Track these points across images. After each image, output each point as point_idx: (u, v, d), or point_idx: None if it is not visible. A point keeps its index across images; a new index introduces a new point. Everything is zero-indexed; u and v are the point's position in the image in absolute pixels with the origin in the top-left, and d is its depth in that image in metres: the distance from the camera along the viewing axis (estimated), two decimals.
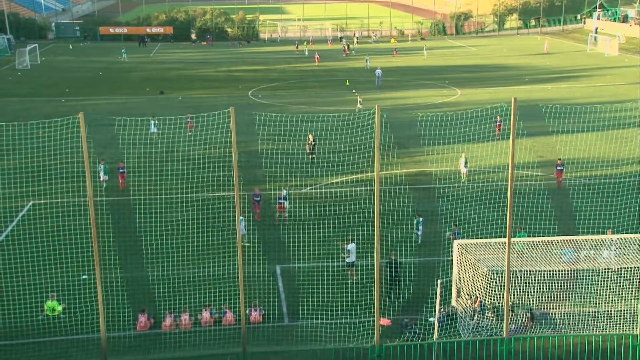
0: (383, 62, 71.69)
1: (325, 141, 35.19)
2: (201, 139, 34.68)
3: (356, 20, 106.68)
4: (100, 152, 36.48)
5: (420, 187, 30.87)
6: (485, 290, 19.29)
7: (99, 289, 17.60)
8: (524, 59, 76.19)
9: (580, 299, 19.49)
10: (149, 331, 19.47)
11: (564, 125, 37.39)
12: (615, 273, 19.53)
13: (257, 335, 19.19)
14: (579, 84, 59.92)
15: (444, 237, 24.21)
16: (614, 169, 32.34)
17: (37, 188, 27.97)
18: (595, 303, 19.39)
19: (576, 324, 19.02)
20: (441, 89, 57.95)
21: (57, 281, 21.62)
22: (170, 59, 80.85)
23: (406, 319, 19.58)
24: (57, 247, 23.25)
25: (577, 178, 31.10)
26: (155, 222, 25.59)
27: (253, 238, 25.12)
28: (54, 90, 58.58)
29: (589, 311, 19.26)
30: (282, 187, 28.33)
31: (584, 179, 30.94)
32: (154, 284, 21.67)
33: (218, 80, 64.54)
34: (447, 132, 34.19)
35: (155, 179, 29.12)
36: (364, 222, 25.19)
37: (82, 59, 79.50)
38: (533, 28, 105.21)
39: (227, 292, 20.78)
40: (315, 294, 20.88)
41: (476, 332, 18.76)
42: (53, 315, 20.07)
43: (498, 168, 33.36)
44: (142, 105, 52.10)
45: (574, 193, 27.75)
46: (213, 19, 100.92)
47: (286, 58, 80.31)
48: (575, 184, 30.11)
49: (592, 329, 18.79)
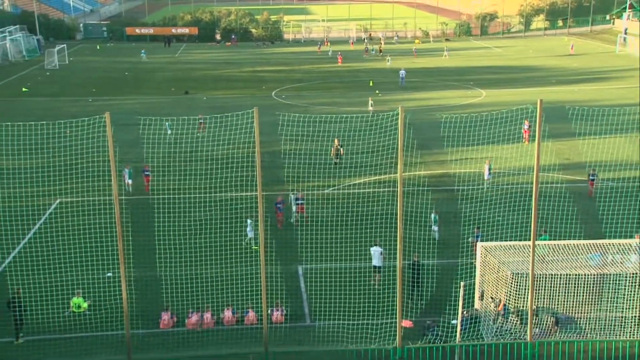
0: (404, 63, 71.40)
1: (348, 142, 35.15)
2: (225, 139, 34.87)
3: (380, 21, 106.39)
4: (126, 152, 36.87)
5: (443, 189, 30.68)
6: (508, 294, 19.11)
7: (124, 286, 17.80)
8: (550, 60, 75.33)
9: (607, 303, 19.20)
10: (172, 329, 19.63)
11: (591, 128, 36.88)
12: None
13: (279, 335, 19.24)
14: (607, 85, 59.06)
15: (467, 241, 24.06)
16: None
17: (63, 186, 28.36)
18: (622, 308, 19.08)
19: (602, 329, 18.74)
20: (465, 90, 57.54)
21: (83, 278, 21.92)
22: (195, 59, 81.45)
23: (428, 320, 19.48)
24: (82, 245, 23.56)
25: (604, 181, 30.65)
26: (178, 221, 25.79)
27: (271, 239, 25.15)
28: (81, 90, 59.37)
29: (615, 316, 18.96)
30: (299, 189, 28.43)
31: (612, 182, 30.48)
32: (177, 283, 21.84)
33: (242, 81, 64.86)
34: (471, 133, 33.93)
35: (179, 178, 29.37)
36: (386, 224, 25.10)
37: (109, 59, 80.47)
38: (560, 29, 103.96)
39: (250, 292, 20.86)
40: (337, 294, 20.87)
41: (499, 335, 18.58)
42: (79, 312, 20.34)
43: (523, 170, 33.02)
44: (167, 105, 52.56)
45: (601, 196, 27.35)
46: (238, 20, 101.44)
47: (310, 59, 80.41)
48: (602, 187, 29.67)
49: (619, 335, 18.50)
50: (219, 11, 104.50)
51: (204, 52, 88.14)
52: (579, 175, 32.01)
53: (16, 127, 26.00)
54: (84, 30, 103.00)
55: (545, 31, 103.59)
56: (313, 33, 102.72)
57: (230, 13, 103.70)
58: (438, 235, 25.28)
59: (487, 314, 19.34)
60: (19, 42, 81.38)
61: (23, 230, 25.49)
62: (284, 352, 18.28)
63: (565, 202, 27.81)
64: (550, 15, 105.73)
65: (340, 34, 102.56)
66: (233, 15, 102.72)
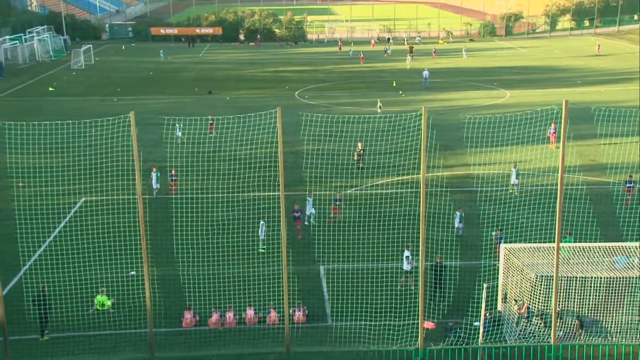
0: (425, 64, 71.01)
1: (371, 143, 35.06)
2: (248, 139, 34.99)
3: (404, 22, 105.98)
4: (150, 152, 37.20)
5: (467, 190, 30.46)
6: (532, 296, 18.91)
7: (147, 285, 17.97)
8: (576, 61, 74.40)
9: (632, 307, 18.90)
10: (194, 328, 19.77)
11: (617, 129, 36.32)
12: None
13: (301, 335, 19.26)
14: (634, 86, 58.11)
15: (490, 238, 23.89)
16: None
17: (89, 185, 28.71)
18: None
19: (628, 332, 18.45)
20: (490, 91, 57.07)
21: (107, 276, 22.17)
22: (219, 59, 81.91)
23: (451, 322, 19.36)
24: (107, 243, 23.82)
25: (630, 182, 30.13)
26: (201, 220, 25.95)
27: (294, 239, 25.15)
28: (106, 90, 60.06)
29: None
30: (338, 190, 28.59)
31: (638, 185, 29.98)
32: (200, 282, 21.98)
33: (265, 81, 65.07)
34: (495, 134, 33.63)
35: (203, 178, 29.54)
36: (409, 224, 25.00)
37: (134, 59, 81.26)
38: (586, 29, 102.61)
39: (272, 292, 20.92)
40: (359, 295, 20.84)
41: (522, 337, 18.40)
42: (102, 309, 20.58)
43: (547, 171, 32.66)
44: (190, 105, 52.94)
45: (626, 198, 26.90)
46: (261, 20, 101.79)
47: (333, 59, 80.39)
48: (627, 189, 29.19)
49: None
50: (242, 11, 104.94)
51: (228, 52, 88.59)
52: (604, 177, 31.54)
53: (43, 126, 26.37)
54: (109, 31, 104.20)
55: (571, 31, 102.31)
56: (336, 33, 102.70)
57: (253, 13, 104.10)
58: (462, 232, 25.21)
59: (510, 316, 19.17)
60: (46, 43, 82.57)
61: (49, 228, 25.84)
62: (305, 352, 18.29)
63: (590, 204, 27.44)
64: (576, 15, 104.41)
65: (363, 34, 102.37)
66: (257, 15, 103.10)
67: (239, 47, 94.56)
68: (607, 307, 18.92)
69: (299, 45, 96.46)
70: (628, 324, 18.66)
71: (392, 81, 61.25)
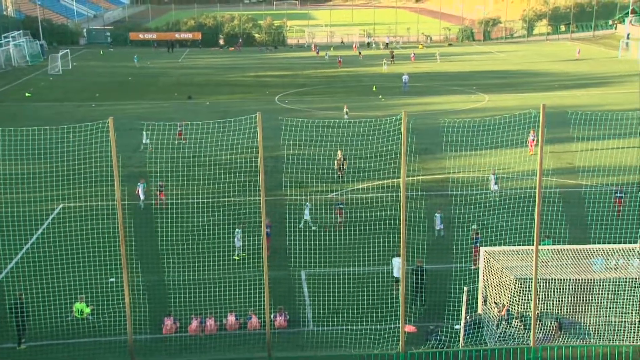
0: (404, 68, 71.44)
1: (351, 147, 35.16)
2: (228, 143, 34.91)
3: (383, 26, 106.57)
4: (129, 157, 36.95)
5: (446, 194, 30.65)
6: (512, 298, 19.07)
7: (126, 291, 17.82)
8: (553, 65, 75.32)
9: (610, 308, 19.15)
10: (175, 334, 19.64)
11: (594, 133, 36.84)
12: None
13: (282, 340, 19.22)
14: (610, 90, 59.02)
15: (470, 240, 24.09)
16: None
17: (67, 191, 28.42)
18: (625, 313, 19.04)
19: (606, 334, 18.69)
20: (469, 95, 57.55)
21: (86, 283, 21.94)
22: (199, 64, 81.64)
23: (431, 325, 19.45)
24: (86, 250, 23.59)
25: (607, 185, 30.60)
26: (181, 226, 25.81)
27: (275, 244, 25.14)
28: (84, 95, 59.55)
29: (619, 321, 18.91)
30: (340, 194, 28.83)
31: (614, 187, 30.41)
32: (180, 288, 21.85)
33: (245, 86, 64.98)
34: (474, 138, 33.94)
35: (182, 183, 29.41)
36: (390, 229, 25.09)
37: (112, 64, 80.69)
38: (563, 34, 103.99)
39: (253, 297, 20.86)
40: (340, 299, 20.85)
41: (502, 340, 18.54)
42: (81, 317, 20.36)
43: (525, 175, 32.99)
44: (170, 110, 52.67)
45: (604, 201, 27.28)
46: (241, 25, 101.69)
47: (313, 63, 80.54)
48: (605, 192, 29.60)
49: (622, 340, 18.45)
50: (222, 16, 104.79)
51: (207, 57, 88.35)
52: (581, 180, 31.96)
53: (19, 132, 26.07)
54: (87, 36, 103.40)
55: (548, 36, 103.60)
56: (316, 38, 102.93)
57: (233, 18, 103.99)
58: (444, 232, 25.51)
59: (490, 318, 19.31)
60: (23, 48, 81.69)
61: (26, 235, 25.53)
62: (286, 357, 18.25)
63: (568, 207, 27.78)
64: (552, 20, 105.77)
65: (343, 38, 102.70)
66: (236, 20, 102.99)
67: (219, 52, 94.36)
68: (585, 309, 19.14)
69: (279, 50, 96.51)
70: (606, 325, 18.89)
71: (372, 86, 61.52)
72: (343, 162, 33.48)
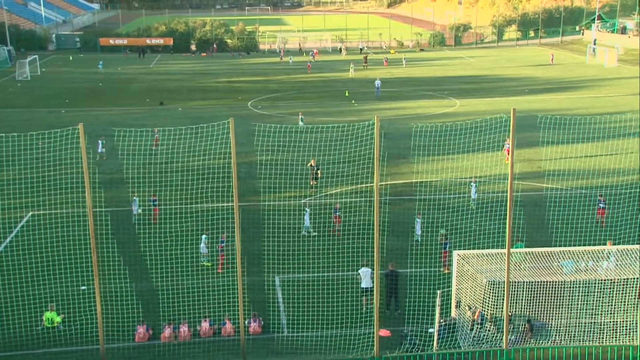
0: (377, 73, 71.89)
1: (324, 152, 35.23)
2: (201, 149, 34.75)
3: (355, 32, 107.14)
4: (100, 164, 36.54)
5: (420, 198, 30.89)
6: (484, 301, 19.28)
7: (98, 300, 17.61)
8: (523, 70, 76.47)
9: (579, 310, 19.48)
10: (148, 342, 19.44)
11: (564, 136, 37.48)
12: (614, 284, 19.54)
13: (257, 346, 19.16)
14: (578, 95, 60.11)
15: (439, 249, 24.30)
16: (614, 179, 32.36)
17: (36, 199, 28.00)
18: (595, 314, 19.38)
19: (576, 335, 19.00)
20: (441, 100, 58.12)
21: (56, 292, 21.61)
22: (170, 70, 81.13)
23: (406, 329, 19.55)
24: (56, 258, 23.25)
25: (576, 189, 31.15)
26: (154, 233, 25.59)
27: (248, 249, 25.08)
28: (54, 101, 58.74)
29: (588, 322, 19.24)
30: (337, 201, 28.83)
31: (583, 190, 30.97)
32: (153, 295, 21.65)
33: (218, 91, 64.74)
34: (446, 142, 34.27)
35: (155, 190, 29.16)
36: (363, 233, 25.20)
37: (82, 70, 79.74)
38: (532, 39, 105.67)
39: (227, 303, 20.76)
40: (315, 305, 20.86)
41: (476, 343, 18.73)
42: (52, 326, 20.05)
43: (497, 179, 33.40)
44: (142, 116, 52.24)
45: (573, 204, 27.75)
46: (213, 30, 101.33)
47: (286, 69, 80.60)
48: (574, 195, 30.12)
49: (592, 340, 18.77)
50: (194, 22, 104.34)
51: (179, 63, 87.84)
52: (552, 184, 32.47)
53: None
54: (56, 41, 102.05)
55: (518, 41, 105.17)
56: (289, 43, 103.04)
57: (205, 24, 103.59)
58: (421, 238, 25.49)
59: (463, 322, 19.49)
60: None
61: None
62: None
63: (538, 210, 28.21)
64: (521, 25, 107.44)
65: (315, 44, 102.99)
66: (208, 25, 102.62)
67: (191, 58, 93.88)
68: (556, 310, 19.44)
69: (252, 56, 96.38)
70: (576, 326, 19.20)
71: (345, 91, 61.76)
72: (317, 172, 32.59)
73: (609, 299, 19.48)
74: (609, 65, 77.13)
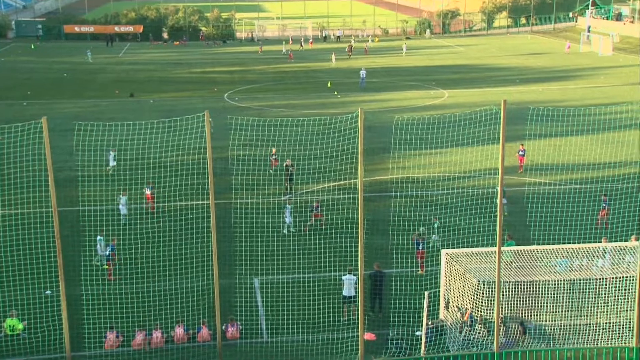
0: (362, 62, 71.99)
1: (305, 147, 35.20)
2: (174, 144, 34.56)
3: (338, 19, 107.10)
4: (66, 160, 36.17)
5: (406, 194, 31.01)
6: (474, 302, 19.41)
7: (64, 305, 17.47)
8: (514, 59, 77.02)
9: (574, 310, 19.68)
10: (118, 349, 19.33)
11: (557, 129, 37.82)
12: (610, 283, 19.75)
13: (235, 352, 19.14)
14: (571, 84, 60.69)
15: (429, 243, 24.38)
16: (609, 172, 32.73)
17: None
18: (589, 314, 19.59)
19: (570, 336, 19.20)
20: (428, 90, 58.37)
21: (18, 297, 21.38)
22: (141, 59, 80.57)
23: (391, 333, 19.63)
24: (18, 261, 23.01)
25: (569, 183, 31.46)
26: (124, 233, 25.43)
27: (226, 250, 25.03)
28: (14, 93, 58.05)
29: (583, 323, 19.44)
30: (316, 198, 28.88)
31: (577, 184, 31.29)
32: (123, 299, 21.52)
33: (192, 82, 64.44)
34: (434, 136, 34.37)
35: (124, 187, 28.96)
36: (347, 231, 25.25)
37: (46, 60, 78.91)
38: (523, 27, 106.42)
39: (202, 307, 20.70)
40: (296, 308, 20.86)
41: (465, 346, 18.86)
42: (13, 334, 19.85)
43: (487, 173, 33.62)
44: (111, 108, 51.83)
45: (567, 199, 28.03)
46: (186, 17, 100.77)
47: (264, 58, 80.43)
48: (568, 189, 30.44)
49: (587, 342, 18.98)
50: (165, 8, 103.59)
51: (150, 52, 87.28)
52: (544, 178, 32.76)
53: None
54: (16, 28, 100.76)
55: (508, 29, 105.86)
56: (267, 31, 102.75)
57: (177, 10, 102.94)
58: (439, 244, 24.65)
59: (452, 324, 19.61)
60: None
61: None
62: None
63: (530, 205, 28.43)
64: (512, 12, 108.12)
65: (296, 32, 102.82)
66: (181, 12, 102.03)
67: (163, 47, 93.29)
68: (549, 311, 19.63)
69: (228, 45, 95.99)
70: (569, 327, 19.40)
71: (328, 81, 61.77)
72: (291, 172, 32.17)
73: (604, 298, 19.69)
74: (603, 54, 77.96)
